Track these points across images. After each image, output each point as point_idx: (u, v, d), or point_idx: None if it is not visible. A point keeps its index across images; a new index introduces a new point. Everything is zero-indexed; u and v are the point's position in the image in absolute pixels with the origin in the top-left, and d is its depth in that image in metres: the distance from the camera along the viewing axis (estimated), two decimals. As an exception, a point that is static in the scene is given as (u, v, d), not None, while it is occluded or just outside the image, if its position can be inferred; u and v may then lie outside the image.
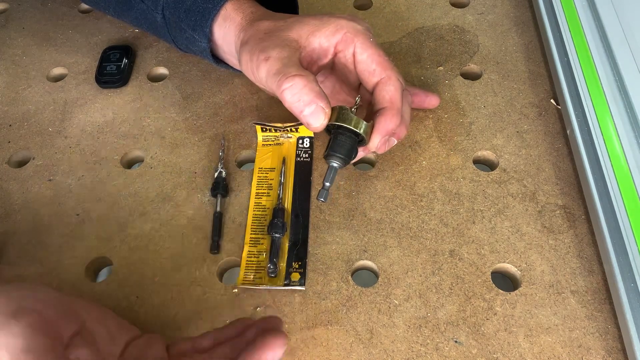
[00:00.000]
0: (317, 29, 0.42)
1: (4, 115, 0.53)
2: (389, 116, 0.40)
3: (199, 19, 0.46)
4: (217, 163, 0.47)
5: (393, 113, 0.40)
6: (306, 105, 0.38)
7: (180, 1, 0.47)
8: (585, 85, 0.48)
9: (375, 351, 0.38)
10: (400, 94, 0.41)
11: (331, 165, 0.40)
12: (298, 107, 0.38)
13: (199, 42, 0.47)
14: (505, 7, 0.59)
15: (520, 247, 0.42)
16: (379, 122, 0.40)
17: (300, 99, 0.38)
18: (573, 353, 0.37)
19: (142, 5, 0.49)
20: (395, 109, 0.41)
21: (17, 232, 0.45)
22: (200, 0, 0.46)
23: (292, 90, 0.38)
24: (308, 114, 0.38)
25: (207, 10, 0.46)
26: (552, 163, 0.47)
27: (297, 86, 0.38)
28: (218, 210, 0.44)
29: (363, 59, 0.42)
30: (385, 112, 0.40)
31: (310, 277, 0.41)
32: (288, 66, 0.39)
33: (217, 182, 0.46)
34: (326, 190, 0.40)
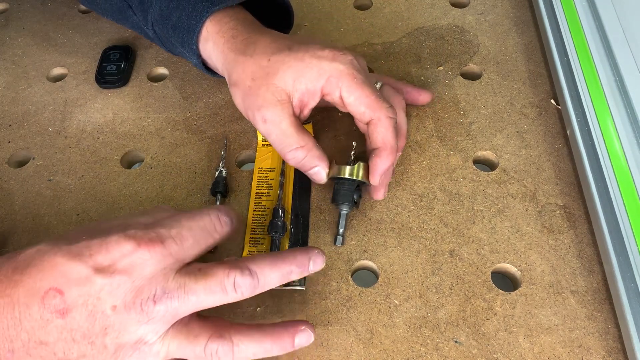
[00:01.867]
0: (301, 74, 0.41)
1: (4, 115, 0.53)
2: (383, 157, 0.42)
3: (185, 36, 0.46)
4: (219, 162, 0.47)
5: (387, 153, 0.42)
6: (309, 169, 0.43)
7: (167, 17, 0.46)
8: (585, 85, 0.48)
9: (375, 351, 0.38)
10: (392, 132, 0.42)
11: (341, 212, 0.43)
12: (302, 169, 0.44)
13: (190, 58, 0.47)
14: (505, 7, 0.59)
15: (520, 247, 0.42)
16: (375, 164, 0.42)
17: (303, 165, 0.43)
18: (573, 353, 0.37)
19: (135, 18, 0.49)
20: (389, 149, 0.42)
21: (17, 232, 0.45)
22: (185, 16, 0.45)
23: (295, 160, 0.43)
24: (312, 173, 0.43)
25: (192, 26, 0.45)
26: (552, 163, 0.47)
27: (299, 157, 0.42)
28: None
29: (351, 102, 0.42)
30: (380, 152, 0.42)
31: (310, 277, 0.41)
32: (287, 136, 0.42)
33: (217, 182, 0.46)
34: (341, 236, 0.43)
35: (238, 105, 0.44)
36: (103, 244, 0.31)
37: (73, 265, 0.31)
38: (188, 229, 0.33)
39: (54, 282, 0.30)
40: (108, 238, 0.32)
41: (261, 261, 0.34)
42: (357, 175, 0.43)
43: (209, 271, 0.33)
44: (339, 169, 0.43)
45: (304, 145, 0.42)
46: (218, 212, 0.35)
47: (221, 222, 0.35)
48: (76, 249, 0.31)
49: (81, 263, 0.31)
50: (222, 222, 0.35)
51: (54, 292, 0.30)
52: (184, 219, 0.34)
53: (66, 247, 0.31)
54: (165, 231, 0.33)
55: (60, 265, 0.31)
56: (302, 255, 0.35)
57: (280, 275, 0.34)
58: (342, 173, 0.43)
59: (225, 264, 0.33)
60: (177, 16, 0.45)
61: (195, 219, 0.34)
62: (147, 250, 0.31)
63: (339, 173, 0.43)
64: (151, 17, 0.47)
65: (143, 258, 0.31)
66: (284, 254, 0.35)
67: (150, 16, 0.47)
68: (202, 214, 0.35)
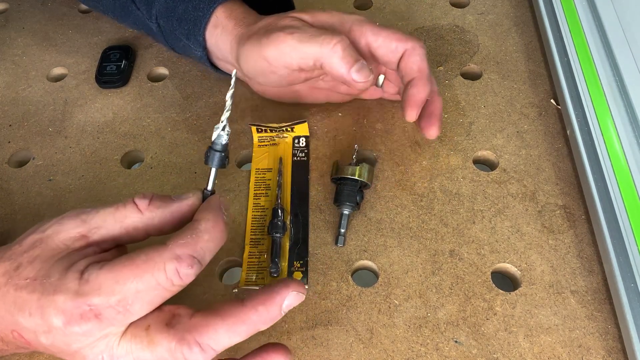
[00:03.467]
0: (324, 23, 0.42)
1: (4, 115, 0.53)
2: (420, 85, 0.41)
3: (191, 27, 0.46)
4: (221, 115, 0.34)
5: (424, 82, 0.41)
6: (355, 61, 0.40)
7: (172, 10, 0.47)
8: (585, 85, 0.48)
9: (375, 351, 0.38)
10: (426, 61, 0.42)
11: (343, 213, 0.43)
12: (348, 62, 0.40)
13: (195, 50, 0.47)
14: (505, 7, 0.59)
15: (520, 247, 0.42)
16: (411, 95, 0.41)
17: (350, 54, 0.40)
18: (573, 353, 0.37)
19: (138, 13, 0.49)
20: (425, 77, 0.41)
21: (17, 232, 0.45)
22: (191, 8, 0.46)
23: (343, 44, 0.39)
24: (357, 69, 0.40)
25: (198, 18, 0.45)
26: (552, 163, 0.47)
27: (346, 41, 0.40)
28: (209, 189, 0.35)
29: (380, 43, 0.42)
30: (416, 82, 0.41)
31: (311, 277, 0.41)
32: (322, 32, 0.40)
33: (214, 149, 0.34)
34: (342, 236, 0.42)
35: (248, 57, 0.43)
36: (39, 308, 0.29)
37: (20, 318, 0.30)
38: (135, 292, 0.29)
39: (12, 325, 0.30)
40: (43, 299, 0.29)
41: (214, 330, 0.30)
42: (361, 176, 0.43)
43: (155, 338, 0.30)
44: (343, 169, 0.43)
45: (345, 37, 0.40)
46: (178, 263, 0.29)
47: (180, 276, 0.29)
48: (21, 300, 0.30)
49: (25, 319, 0.30)
50: (181, 276, 0.29)
51: (16, 333, 0.30)
52: (130, 278, 0.29)
53: (12, 294, 0.30)
54: (101, 300, 0.29)
55: (13, 315, 0.30)
56: (267, 304, 0.31)
57: (241, 337, 0.30)
58: (345, 173, 0.43)
59: (172, 333, 0.30)
60: (183, 8, 0.46)
61: (143, 279, 0.29)
62: (77, 326, 0.29)
63: (343, 173, 0.43)
64: (155, 10, 0.48)
65: (74, 332, 0.29)
66: (244, 309, 0.30)
67: (154, 9, 0.48)
68: (154, 269, 0.29)
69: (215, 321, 0.30)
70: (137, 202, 0.32)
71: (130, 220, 0.32)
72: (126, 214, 0.32)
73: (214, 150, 0.34)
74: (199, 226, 0.31)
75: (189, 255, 0.30)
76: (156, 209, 0.32)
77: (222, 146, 0.34)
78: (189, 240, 0.30)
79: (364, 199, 0.45)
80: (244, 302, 0.31)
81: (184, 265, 0.29)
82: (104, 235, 0.32)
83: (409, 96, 0.41)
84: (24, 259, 0.31)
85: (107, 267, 0.29)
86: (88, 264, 0.30)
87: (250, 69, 0.44)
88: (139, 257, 0.30)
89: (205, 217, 0.31)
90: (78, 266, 0.30)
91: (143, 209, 0.32)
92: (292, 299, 0.31)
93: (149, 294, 0.29)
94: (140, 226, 0.32)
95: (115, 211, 0.32)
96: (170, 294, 0.30)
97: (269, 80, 0.45)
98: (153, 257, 0.29)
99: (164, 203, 0.33)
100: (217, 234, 0.31)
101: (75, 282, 0.29)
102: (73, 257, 0.31)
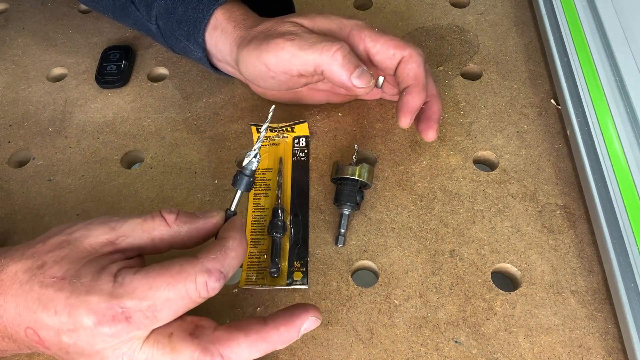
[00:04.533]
0: (324, 28, 0.42)
1: (4, 115, 0.53)
2: (415, 93, 0.41)
3: (191, 29, 0.46)
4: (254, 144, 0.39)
5: (418, 90, 0.41)
6: (355, 67, 0.40)
7: (172, 11, 0.47)
8: (585, 85, 0.48)
9: (375, 351, 0.38)
10: (423, 69, 0.42)
11: (343, 213, 0.43)
12: (349, 69, 0.40)
13: (194, 51, 0.47)
14: (505, 7, 0.59)
15: (520, 247, 0.42)
16: (405, 102, 0.41)
17: (350, 61, 0.40)
18: (573, 353, 0.37)
19: (138, 14, 0.49)
20: (420, 85, 0.41)
21: (17, 232, 0.45)
22: (191, 10, 0.46)
23: (342, 52, 0.40)
24: (357, 76, 0.40)
25: (198, 20, 0.45)
26: (552, 163, 0.47)
27: (345, 48, 0.40)
28: (232, 209, 0.37)
29: (377, 49, 0.42)
30: (411, 89, 0.41)
31: (311, 277, 0.41)
32: (321, 38, 0.40)
33: (247, 169, 0.37)
34: (342, 236, 0.43)
35: (247, 61, 0.43)
36: (67, 306, 0.30)
37: (43, 315, 0.30)
38: (165, 300, 0.30)
39: (29, 322, 0.31)
40: (73, 299, 0.30)
41: (237, 344, 0.31)
42: (361, 176, 0.43)
43: (178, 346, 0.31)
44: (343, 169, 0.43)
45: (345, 44, 0.40)
46: (208, 276, 0.31)
47: (207, 289, 0.31)
48: (46, 297, 0.30)
49: (49, 317, 0.30)
50: (208, 289, 0.31)
51: (31, 331, 0.31)
52: (163, 285, 0.30)
53: (37, 290, 0.30)
54: (134, 304, 0.30)
55: (34, 312, 0.30)
56: (288, 325, 0.33)
57: (260, 354, 0.32)
58: (346, 173, 0.43)
59: (196, 343, 0.31)
60: (183, 10, 0.46)
61: (175, 288, 0.30)
62: (108, 327, 0.29)
63: (343, 173, 0.43)
64: (155, 11, 0.48)
65: (103, 333, 0.30)
66: (266, 328, 0.32)
67: (154, 11, 0.48)
68: (187, 280, 0.30)
69: (238, 336, 0.32)
70: (165, 216, 0.34)
71: (157, 232, 0.33)
72: (154, 226, 0.33)
73: (243, 175, 0.36)
74: (226, 244, 0.32)
75: (218, 269, 0.31)
76: (183, 224, 0.34)
77: (251, 172, 0.36)
78: (218, 256, 0.32)
79: (364, 199, 0.45)
80: (267, 321, 0.33)
81: (212, 279, 0.31)
82: (131, 243, 0.33)
83: (403, 104, 0.42)
84: (49, 258, 0.31)
85: (142, 273, 0.30)
86: (120, 268, 0.31)
87: (249, 73, 0.44)
88: (174, 266, 0.31)
89: (232, 236, 0.33)
90: (111, 269, 0.31)
91: (171, 223, 0.34)
92: (310, 323, 0.33)
93: (177, 303, 0.31)
94: (166, 238, 0.34)
95: (144, 222, 0.33)
96: (194, 305, 0.32)
97: (268, 85, 0.45)
98: (186, 269, 0.31)
99: (190, 219, 0.34)
100: (241, 252, 0.33)
101: (109, 284, 0.30)
102: (103, 261, 0.31)
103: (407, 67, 0.42)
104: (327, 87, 0.49)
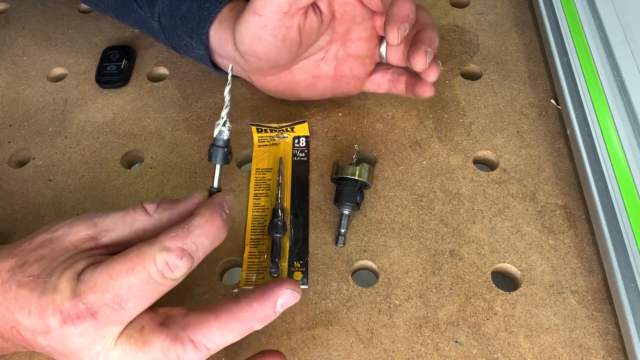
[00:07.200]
0: None
1: (4, 115, 0.53)
2: (399, 2, 0.38)
3: (195, 26, 0.46)
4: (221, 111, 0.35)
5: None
6: None
7: (176, 8, 0.47)
8: (585, 85, 0.48)
9: (375, 351, 0.38)
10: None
11: (343, 213, 0.43)
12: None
13: (197, 49, 0.47)
14: (505, 7, 0.59)
15: (520, 247, 0.42)
16: (391, 13, 0.38)
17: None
18: (573, 353, 0.37)
19: (140, 11, 0.49)
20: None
21: (17, 232, 0.45)
22: (196, 7, 0.46)
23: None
24: None
25: (203, 17, 0.45)
26: (552, 163, 0.47)
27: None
28: (215, 186, 0.35)
29: None
30: (396, 0, 0.38)
31: (311, 277, 0.41)
32: None
33: (217, 145, 0.35)
34: (342, 236, 0.42)
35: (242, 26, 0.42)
36: (38, 306, 0.29)
37: (20, 316, 0.30)
38: (128, 287, 0.29)
39: (12, 322, 0.30)
40: (43, 298, 0.29)
41: (207, 327, 0.30)
42: (361, 176, 0.43)
43: (149, 339, 0.30)
44: (343, 169, 0.43)
45: None
46: (167, 254, 0.29)
47: (170, 267, 0.29)
48: (22, 297, 0.30)
49: (24, 318, 0.30)
50: (171, 267, 0.29)
51: (15, 331, 0.30)
52: (123, 272, 0.29)
53: (14, 290, 0.30)
54: (97, 298, 0.29)
55: (12, 312, 0.30)
56: (261, 301, 0.31)
57: (235, 336, 0.30)
58: (346, 173, 0.43)
59: (165, 332, 0.30)
60: (187, 7, 0.46)
61: (135, 272, 0.29)
62: (73, 326, 0.29)
63: (343, 173, 0.43)
64: (158, 8, 0.48)
65: (71, 333, 0.29)
66: (238, 306, 0.31)
67: (157, 7, 0.48)
68: (145, 261, 0.29)
69: (209, 318, 0.30)
70: (146, 206, 0.33)
71: (139, 224, 0.33)
72: (135, 217, 0.33)
73: (216, 147, 0.34)
74: (192, 220, 0.31)
75: (178, 247, 0.29)
76: (164, 211, 0.33)
77: (224, 142, 0.34)
78: (179, 233, 0.30)
79: (364, 199, 0.45)
80: (239, 300, 0.31)
81: (173, 257, 0.29)
82: (114, 238, 0.32)
83: (388, 17, 0.38)
84: (31, 257, 0.31)
85: (102, 265, 0.30)
86: (87, 265, 0.30)
87: (243, 37, 0.42)
88: (132, 251, 0.30)
89: (200, 213, 0.31)
90: (77, 266, 0.30)
91: (151, 212, 0.33)
92: (287, 297, 0.31)
93: (142, 288, 0.29)
94: (149, 228, 0.33)
95: (125, 215, 0.33)
96: (164, 289, 0.30)
97: (263, 44, 0.42)
98: (144, 250, 0.29)
99: (171, 205, 0.33)
100: (212, 229, 0.31)
101: (72, 282, 0.29)
102: (76, 258, 0.31)
103: None
104: (330, 71, 0.47)
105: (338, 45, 0.46)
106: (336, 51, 0.46)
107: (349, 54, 0.46)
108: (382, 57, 0.47)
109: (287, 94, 0.49)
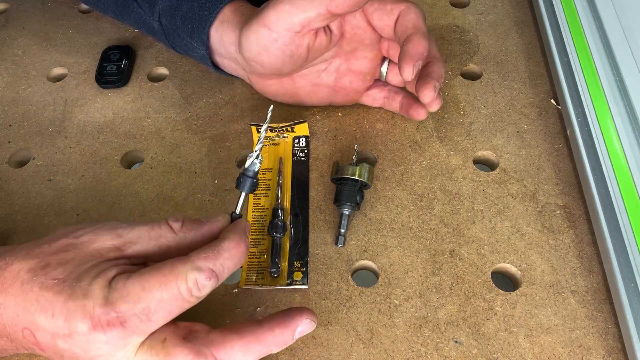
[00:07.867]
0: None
1: (4, 115, 0.53)
2: (415, 40, 0.39)
3: (195, 26, 0.46)
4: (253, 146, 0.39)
5: (419, 36, 0.40)
6: None
7: (176, 8, 0.47)
8: (585, 85, 0.48)
9: (375, 351, 0.38)
10: (423, 20, 0.40)
11: (343, 213, 0.43)
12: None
13: (197, 49, 0.47)
14: (505, 7, 0.59)
15: (520, 247, 0.42)
16: (406, 50, 0.39)
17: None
18: (573, 353, 0.37)
19: (140, 11, 0.49)
20: (421, 32, 0.40)
21: (17, 232, 0.45)
22: (197, 7, 0.46)
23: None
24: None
25: (204, 17, 0.45)
26: (552, 163, 0.47)
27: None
28: (237, 212, 0.37)
29: (375, 7, 0.41)
30: (411, 37, 0.40)
31: (311, 277, 0.41)
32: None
33: (249, 170, 0.37)
34: (342, 236, 0.43)
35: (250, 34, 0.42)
36: (64, 310, 0.30)
37: (40, 317, 0.30)
38: (159, 300, 0.30)
39: (27, 323, 0.30)
40: (70, 303, 0.29)
41: (230, 346, 0.31)
42: (361, 176, 0.43)
43: (172, 351, 0.31)
44: (343, 169, 0.43)
45: None
46: (198, 274, 0.31)
47: (199, 287, 0.31)
48: (44, 299, 0.30)
49: (46, 320, 0.30)
50: (199, 286, 0.31)
51: (28, 332, 0.31)
52: (156, 286, 0.30)
53: (36, 292, 0.30)
54: (128, 308, 0.29)
55: (32, 313, 0.30)
56: (283, 327, 0.33)
57: (254, 357, 0.32)
58: (346, 173, 0.43)
59: (189, 347, 0.31)
60: (188, 7, 0.46)
61: (168, 287, 0.30)
62: (102, 333, 0.29)
63: (343, 173, 0.43)
64: (159, 8, 0.48)
65: (98, 339, 0.29)
66: (261, 330, 0.32)
67: (158, 7, 0.48)
68: (178, 278, 0.30)
69: (232, 338, 0.32)
70: (171, 223, 0.34)
71: (164, 240, 0.34)
72: (161, 233, 0.34)
73: (246, 177, 0.36)
74: (221, 244, 0.32)
75: (209, 268, 0.31)
76: (189, 231, 0.34)
77: (254, 173, 0.37)
78: (210, 254, 0.32)
79: (364, 199, 0.45)
80: (262, 323, 0.33)
81: (203, 277, 0.31)
82: (138, 251, 0.33)
83: (404, 52, 0.39)
84: (53, 260, 0.31)
85: (135, 276, 0.31)
86: (117, 274, 0.31)
87: (251, 46, 0.42)
88: (165, 266, 0.31)
89: (229, 237, 0.33)
90: (107, 274, 0.31)
91: (177, 230, 0.34)
92: (305, 326, 0.33)
93: (170, 303, 0.30)
94: (173, 245, 0.34)
95: (151, 230, 0.34)
96: (188, 305, 0.31)
97: (270, 56, 0.43)
98: (178, 267, 0.31)
99: (195, 226, 0.35)
100: (238, 253, 0.33)
101: (105, 289, 0.30)
102: (104, 266, 0.31)
103: (406, 18, 0.41)
104: (330, 82, 0.47)
105: (342, 59, 0.47)
106: (339, 65, 0.47)
107: (351, 69, 0.47)
108: (381, 75, 0.48)
109: (286, 98, 0.50)
